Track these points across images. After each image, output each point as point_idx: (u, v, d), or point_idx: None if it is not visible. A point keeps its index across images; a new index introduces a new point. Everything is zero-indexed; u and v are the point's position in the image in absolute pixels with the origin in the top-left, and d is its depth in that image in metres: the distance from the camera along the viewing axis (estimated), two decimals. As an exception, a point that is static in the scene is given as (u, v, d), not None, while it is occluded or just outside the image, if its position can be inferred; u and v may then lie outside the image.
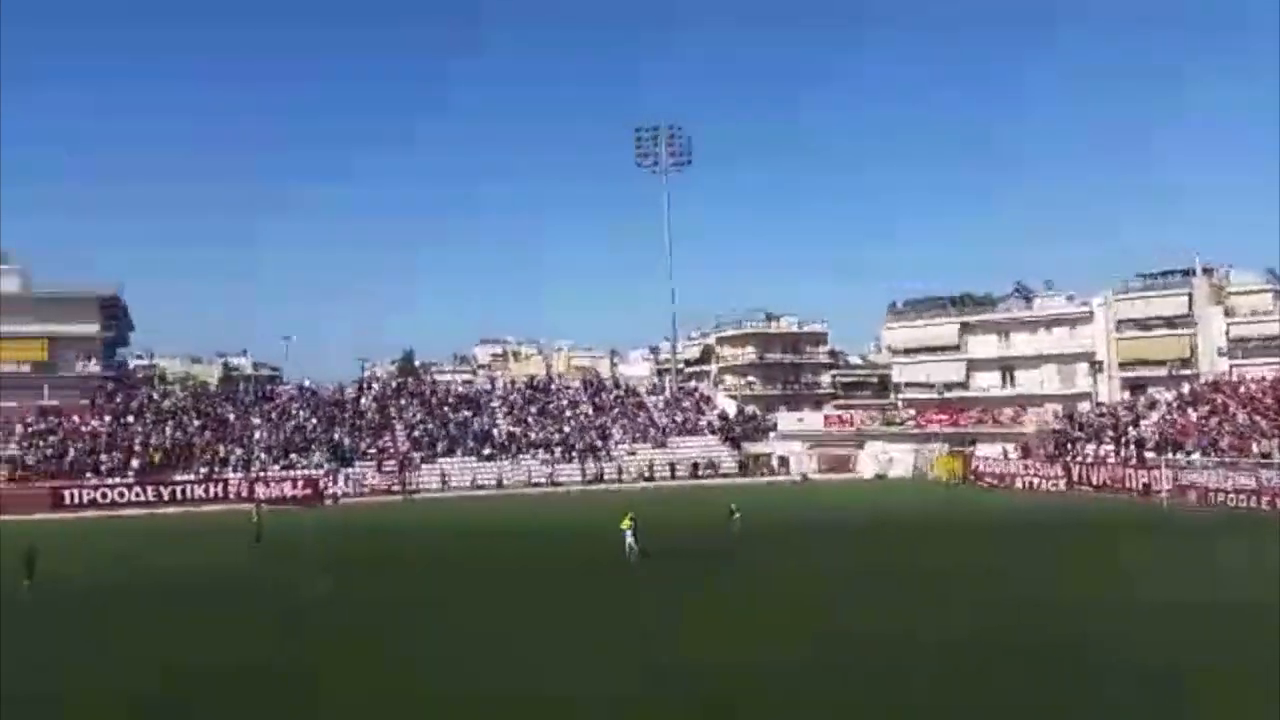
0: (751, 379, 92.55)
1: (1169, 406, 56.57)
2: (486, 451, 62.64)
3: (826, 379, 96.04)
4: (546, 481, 60.33)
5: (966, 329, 76.93)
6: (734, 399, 79.79)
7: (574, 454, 63.30)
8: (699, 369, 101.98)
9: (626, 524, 30.12)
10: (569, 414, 69.07)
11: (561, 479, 60.60)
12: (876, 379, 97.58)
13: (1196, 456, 47.96)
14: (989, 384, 74.93)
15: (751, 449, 67.18)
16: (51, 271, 67.10)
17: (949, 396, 74.54)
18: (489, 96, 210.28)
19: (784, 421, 72.37)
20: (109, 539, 39.84)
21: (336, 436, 61.95)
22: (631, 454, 64.26)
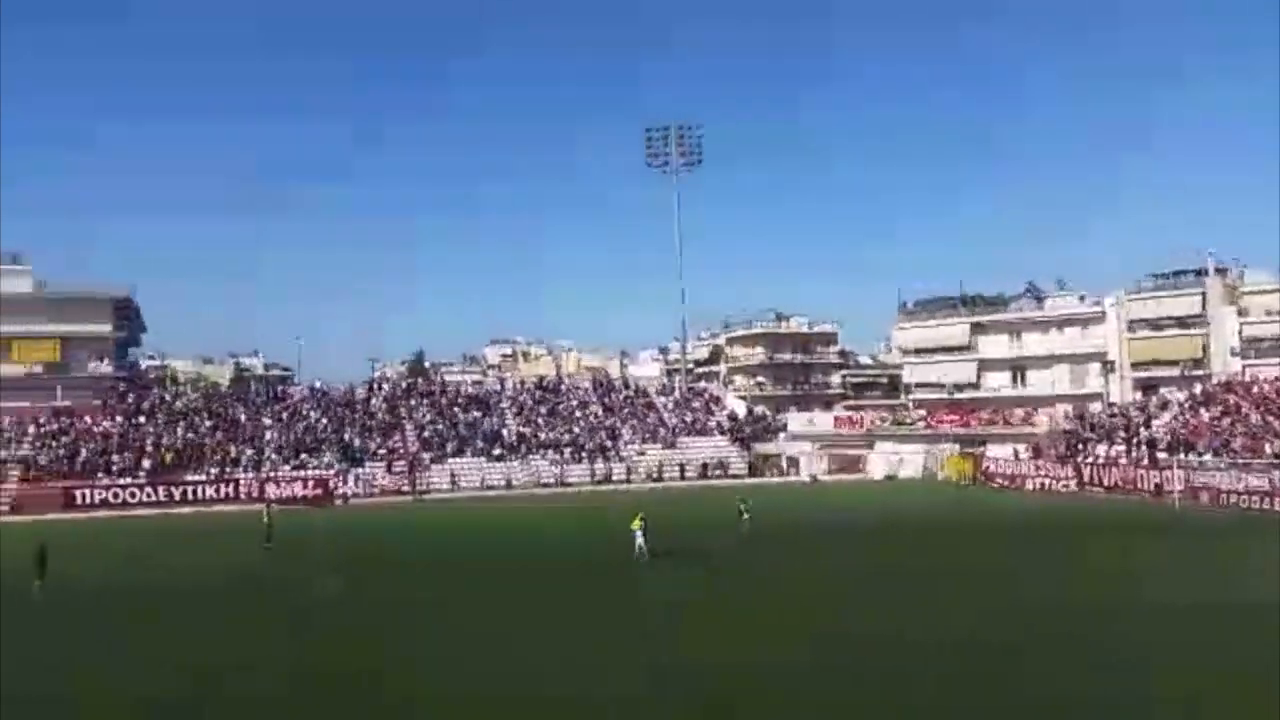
0: (761, 379, 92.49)
1: (1181, 407, 56.27)
2: (496, 452, 62.70)
3: (836, 379, 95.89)
4: (556, 482, 60.37)
5: (978, 329, 76.62)
6: (743, 399, 79.76)
7: (583, 454, 63.32)
8: (708, 369, 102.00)
9: (637, 524, 30.03)
10: (579, 414, 69.09)
11: (571, 479, 60.63)
12: (887, 379, 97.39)
13: (1209, 457, 47.69)
14: (1000, 384, 74.64)
15: (761, 449, 67.11)
16: (51, 271, 66.83)
17: (960, 397, 74.30)
18: (488, 96, 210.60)
19: (794, 422, 72.30)
20: (120, 539, 40.00)
21: (347, 437, 62.11)
22: (641, 454, 64.26)
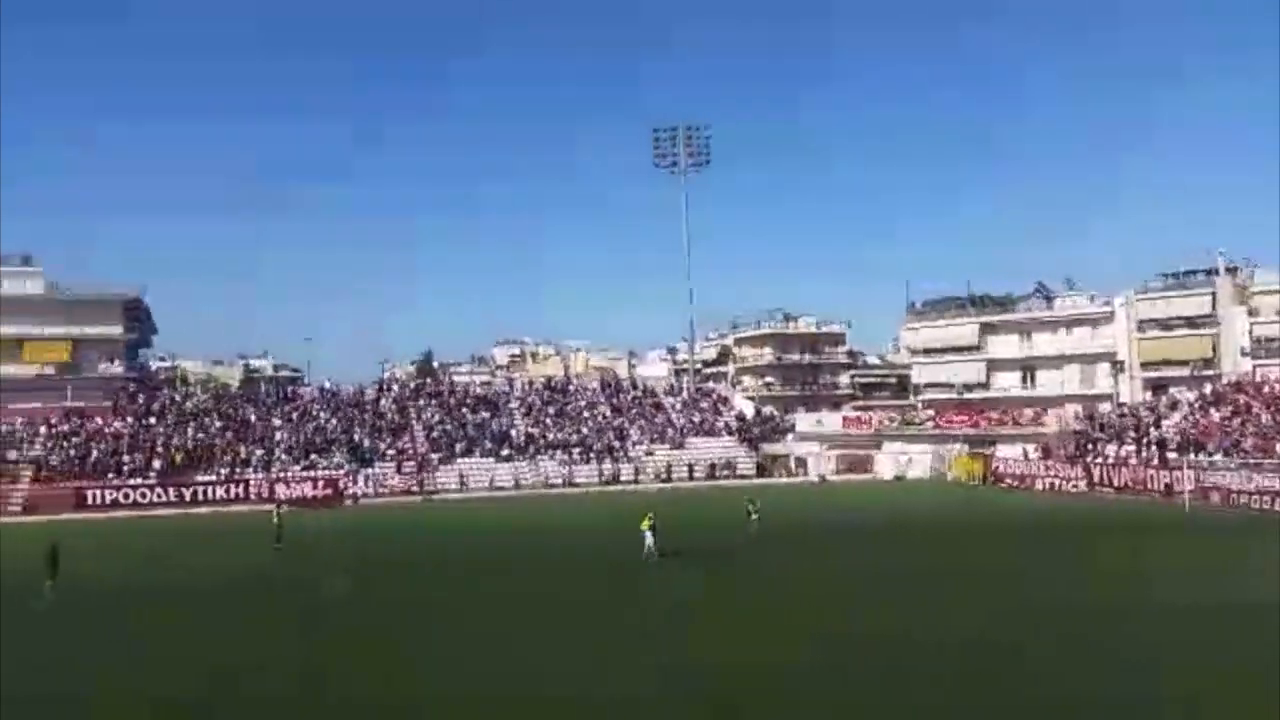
0: (769, 380, 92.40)
1: (1191, 407, 56.08)
2: (505, 452, 62.82)
3: (845, 380, 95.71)
4: (564, 482, 60.46)
5: (987, 329, 76.43)
6: (752, 400, 79.74)
7: (592, 455, 63.39)
8: (717, 370, 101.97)
9: (646, 525, 30.05)
10: (587, 415, 69.18)
11: (579, 480, 60.71)
12: (895, 380, 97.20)
13: (1219, 458, 47.52)
14: (1009, 384, 74.44)
15: (769, 450, 67.14)
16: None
17: (969, 397, 74.12)
18: (488, 96, 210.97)
19: (802, 422, 72.27)
20: (131, 539, 40.20)
21: (356, 437, 62.32)
22: (649, 455, 64.31)
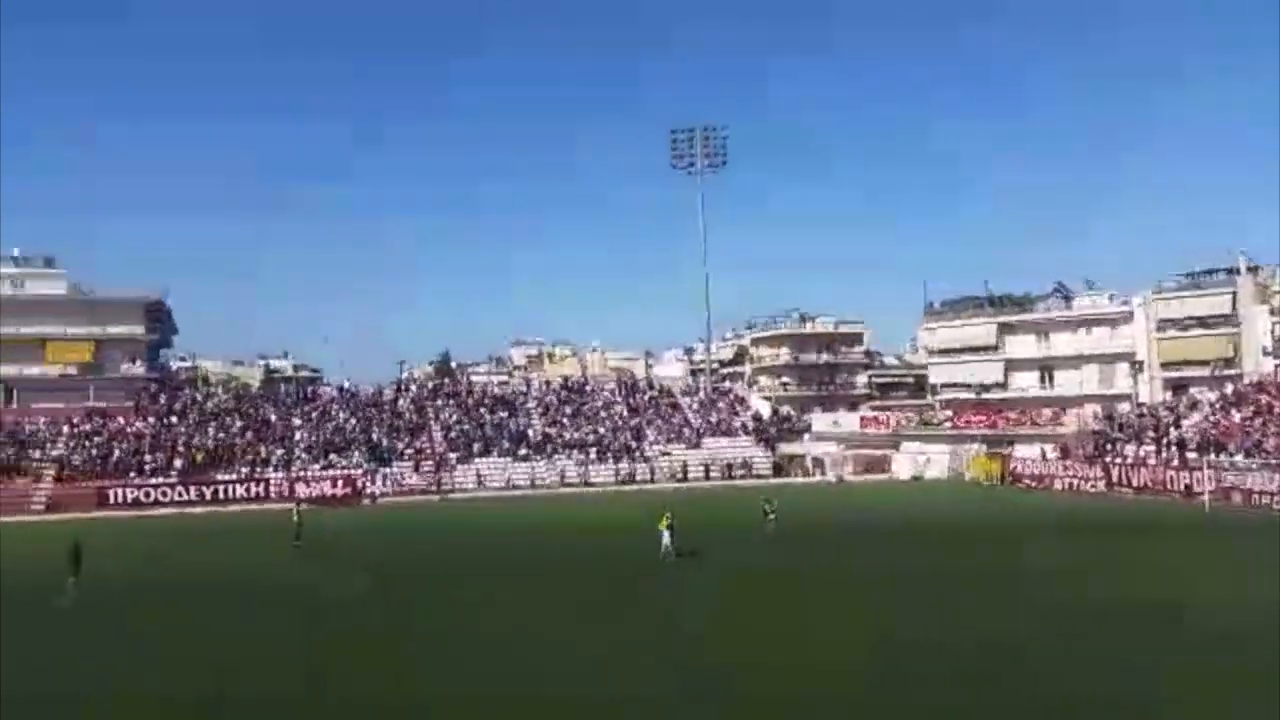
0: (786, 380, 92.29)
1: (1211, 407, 55.65)
2: (522, 452, 63.04)
3: (862, 379, 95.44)
4: (580, 482, 60.60)
5: (1005, 329, 76.10)
6: (768, 400, 79.64)
7: (608, 454, 63.52)
8: (733, 370, 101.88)
9: (664, 524, 30.17)
10: (604, 415, 69.33)
11: (595, 479, 60.84)
12: (913, 380, 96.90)
13: (1240, 458, 47.15)
14: (1028, 384, 74.09)
15: (786, 450, 67.07)
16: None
17: (987, 397, 73.82)
18: (488, 96, 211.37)
19: (819, 422, 72.17)
20: (152, 538, 40.56)
21: (375, 437, 62.69)
22: (665, 454, 64.38)
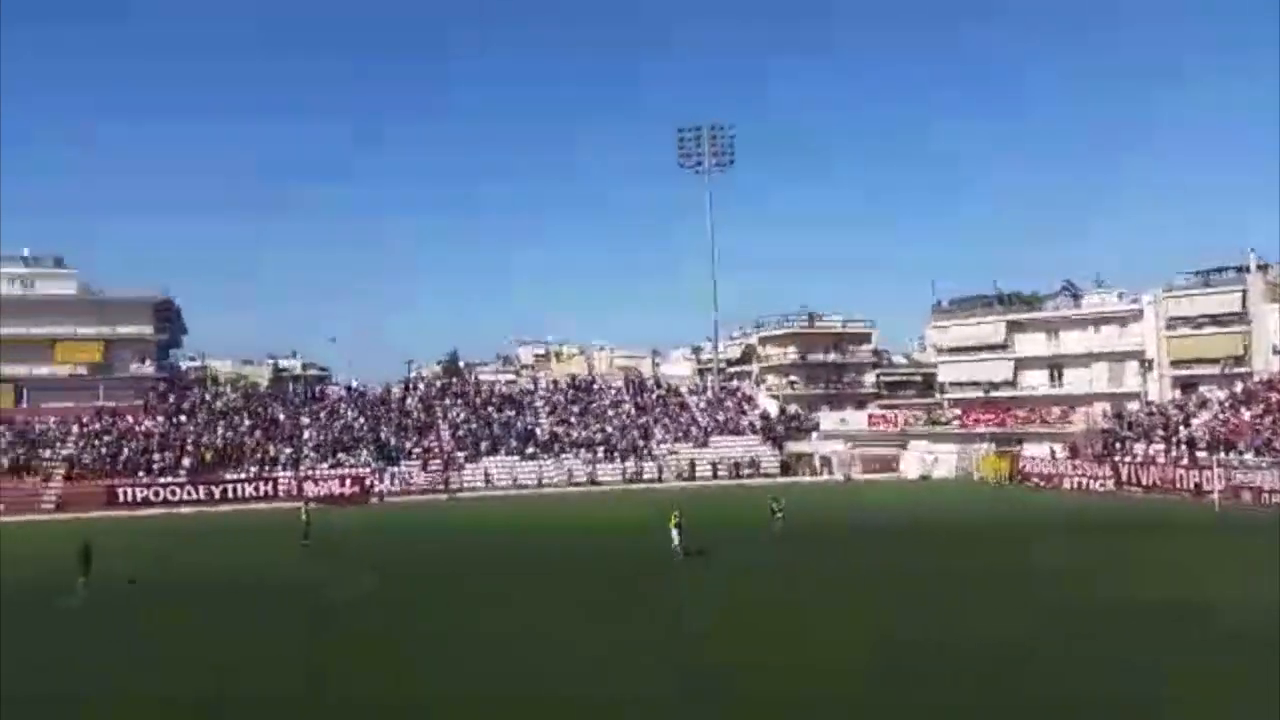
0: (794, 378, 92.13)
1: (1221, 406, 55.41)
2: (529, 451, 63.10)
3: (870, 378, 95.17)
4: (588, 480, 60.64)
5: (1014, 327, 75.87)
6: (776, 399, 79.54)
7: (616, 453, 63.55)
8: (741, 369, 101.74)
9: (672, 522, 30.25)
10: (611, 413, 69.35)
11: (603, 478, 60.88)
12: (921, 378, 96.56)
13: (1250, 456, 46.95)
14: (1037, 383, 73.85)
15: (794, 449, 66.99)
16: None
17: (995, 396, 73.61)
18: (488, 96, 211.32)
19: (826, 421, 72.00)
20: (161, 537, 40.73)
21: (383, 436, 62.82)
22: (673, 453, 64.38)
